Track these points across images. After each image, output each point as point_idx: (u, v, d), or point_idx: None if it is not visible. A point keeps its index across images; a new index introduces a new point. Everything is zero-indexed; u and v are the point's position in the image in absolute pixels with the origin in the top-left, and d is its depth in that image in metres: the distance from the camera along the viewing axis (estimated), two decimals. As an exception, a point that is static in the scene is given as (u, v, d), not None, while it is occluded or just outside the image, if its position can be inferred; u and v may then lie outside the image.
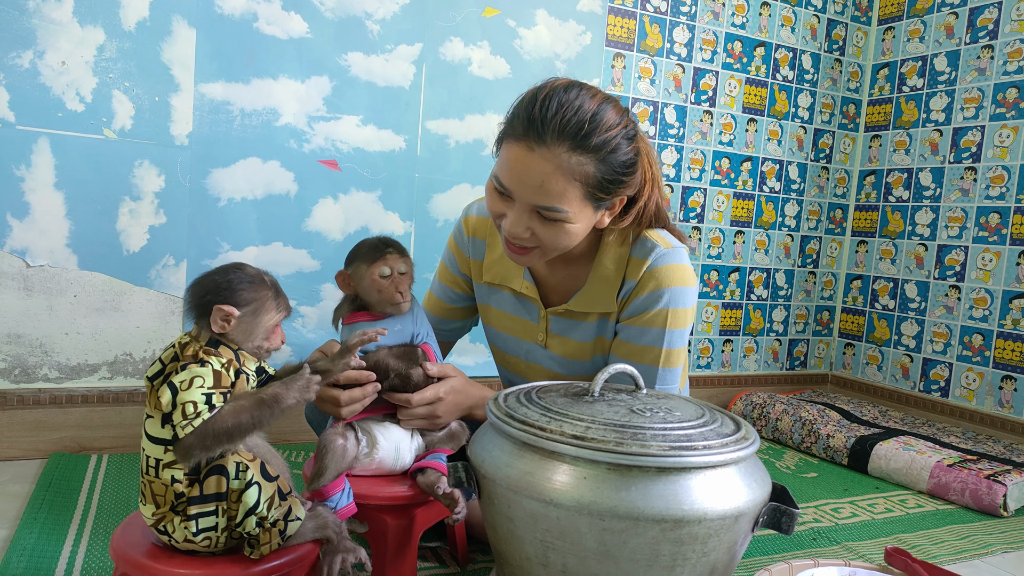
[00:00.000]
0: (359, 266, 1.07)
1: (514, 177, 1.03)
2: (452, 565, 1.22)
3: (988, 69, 2.27)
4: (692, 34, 2.29)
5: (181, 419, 0.80)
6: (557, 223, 1.05)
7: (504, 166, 1.05)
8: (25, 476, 1.50)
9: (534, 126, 1.00)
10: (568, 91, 1.02)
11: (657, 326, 1.16)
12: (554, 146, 0.99)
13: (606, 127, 1.01)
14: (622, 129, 1.04)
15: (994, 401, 2.21)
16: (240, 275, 0.89)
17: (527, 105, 1.02)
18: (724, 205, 2.42)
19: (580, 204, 1.04)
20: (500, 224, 1.10)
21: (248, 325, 0.88)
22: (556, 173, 1.00)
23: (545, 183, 1.01)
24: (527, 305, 1.28)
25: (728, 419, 0.94)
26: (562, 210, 1.03)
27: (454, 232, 1.36)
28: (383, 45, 1.85)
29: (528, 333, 1.29)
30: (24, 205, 1.56)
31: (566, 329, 1.25)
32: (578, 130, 0.99)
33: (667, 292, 1.15)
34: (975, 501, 1.67)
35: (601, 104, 1.03)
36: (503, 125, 1.07)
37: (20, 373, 1.60)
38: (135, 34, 1.62)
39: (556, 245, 1.08)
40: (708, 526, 0.81)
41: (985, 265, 2.26)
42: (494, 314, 1.34)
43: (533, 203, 1.03)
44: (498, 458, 0.88)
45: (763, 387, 2.55)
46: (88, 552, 1.17)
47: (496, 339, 1.37)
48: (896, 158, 2.53)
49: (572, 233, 1.07)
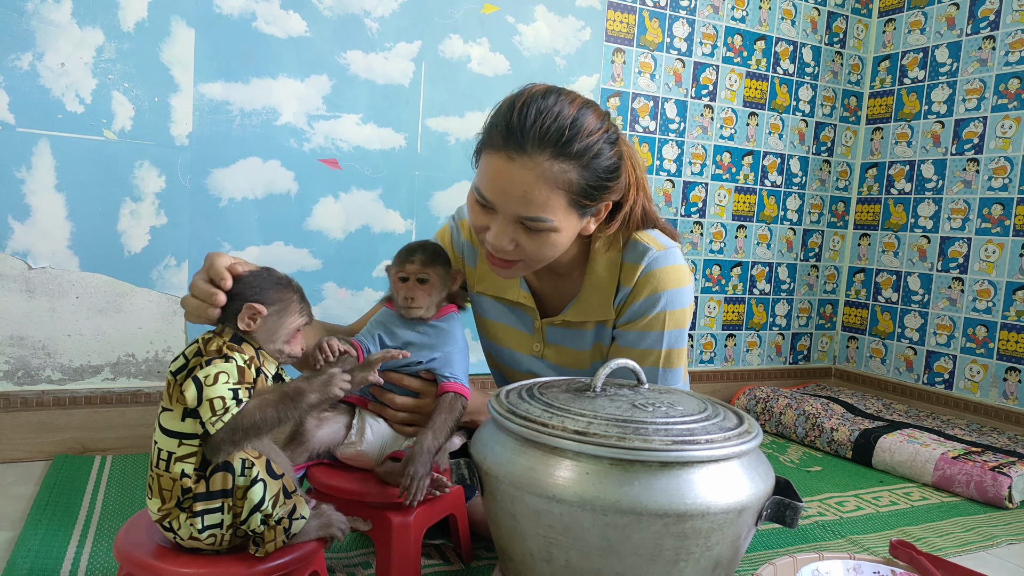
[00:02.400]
0: (392, 265, 1.13)
1: (496, 189, 1.01)
2: (456, 562, 1.22)
3: (990, 60, 2.26)
4: (692, 28, 2.28)
5: (210, 415, 0.80)
6: (542, 233, 1.03)
7: (485, 178, 1.02)
8: (29, 478, 1.50)
9: (513, 135, 0.97)
10: (546, 97, 1.00)
11: (656, 329, 1.15)
12: (535, 155, 0.97)
13: (587, 132, 0.99)
14: (603, 134, 1.02)
15: (998, 393, 2.21)
16: (269, 276, 0.90)
17: (505, 114, 1.00)
18: (726, 200, 2.42)
19: (565, 212, 1.02)
20: (483, 238, 1.08)
21: (273, 325, 0.89)
22: (538, 182, 0.98)
23: (528, 193, 0.98)
24: (522, 316, 1.26)
25: (731, 413, 0.94)
26: (547, 219, 1.01)
27: (451, 232, 1.32)
28: (382, 43, 1.85)
29: (523, 345, 1.28)
30: (25, 207, 1.56)
31: (563, 338, 1.24)
32: (559, 137, 0.97)
33: (664, 295, 1.14)
34: (980, 493, 1.66)
35: (580, 109, 1.00)
36: (481, 135, 1.05)
37: (23, 375, 1.60)
38: (134, 35, 1.62)
39: (541, 256, 1.06)
40: (711, 520, 0.80)
41: (988, 257, 2.25)
42: (488, 324, 1.32)
43: (517, 214, 1.01)
44: (500, 454, 0.88)
45: (766, 381, 2.55)
46: (93, 553, 1.17)
47: (491, 349, 1.35)
48: (898, 150, 2.53)
49: (557, 243, 1.05)
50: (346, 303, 1.88)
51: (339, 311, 1.86)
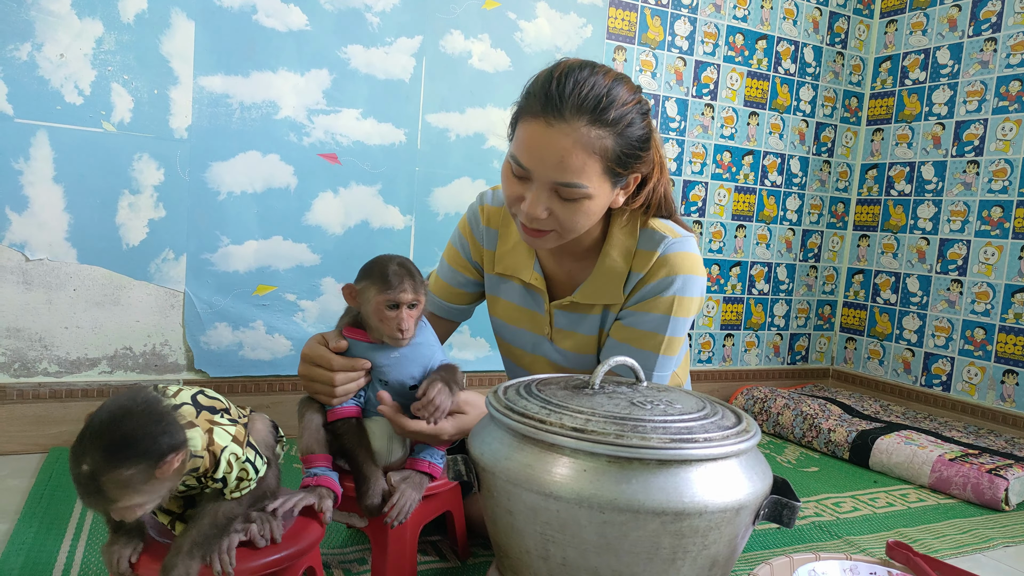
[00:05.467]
0: (368, 287, 1.00)
1: (533, 155, 1.03)
2: (452, 559, 1.22)
3: (991, 62, 2.26)
4: (693, 27, 2.28)
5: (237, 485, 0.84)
6: (576, 202, 1.05)
7: (522, 144, 1.05)
8: (25, 471, 1.49)
9: (552, 102, 1.01)
10: (582, 69, 1.04)
11: (662, 312, 1.16)
12: (573, 120, 1.01)
13: (621, 102, 1.03)
14: (636, 104, 1.06)
15: (996, 395, 2.21)
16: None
17: (543, 83, 1.03)
18: (725, 199, 2.41)
19: (599, 180, 1.05)
20: (516, 210, 1.10)
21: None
22: (576, 147, 1.01)
23: (565, 159, 1.02)
24: (535, 297, 1.28)
25: (729, 412, 0.94)
26: (582, 185, 1.03)
27: (469, 219, 1.35)
28: (383, 38, 1.84)
29: (535, 325, 1.29)
30: (23, 198, 1.56)
31: (572, 323, 1.25)
32: (596, 104, 1.01)
33: (679, 279, 1.15)
34: (977, 495, 1.66)
35: (614, 81, 1.05)
36: (517, 105, 1.08)
37: (20, 367, 1.59)
38: (134, 26, 1.61)
39: (573, 225, 1.08)
40: (709, 519, 0.80)
41: (987, 259, 2.25)
42: (502, 305, 1.34)
43: (553, 179, 1.03)
44: (498, 451, 0.87)
45: (764, 382, 2.55)
46: (88, 547, 1.17)
47: (502, 330, 1.36)
48: (898, 152, 2.52)
49: (590, 212, 1.08)
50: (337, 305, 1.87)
51: (337, 306, 1.85)
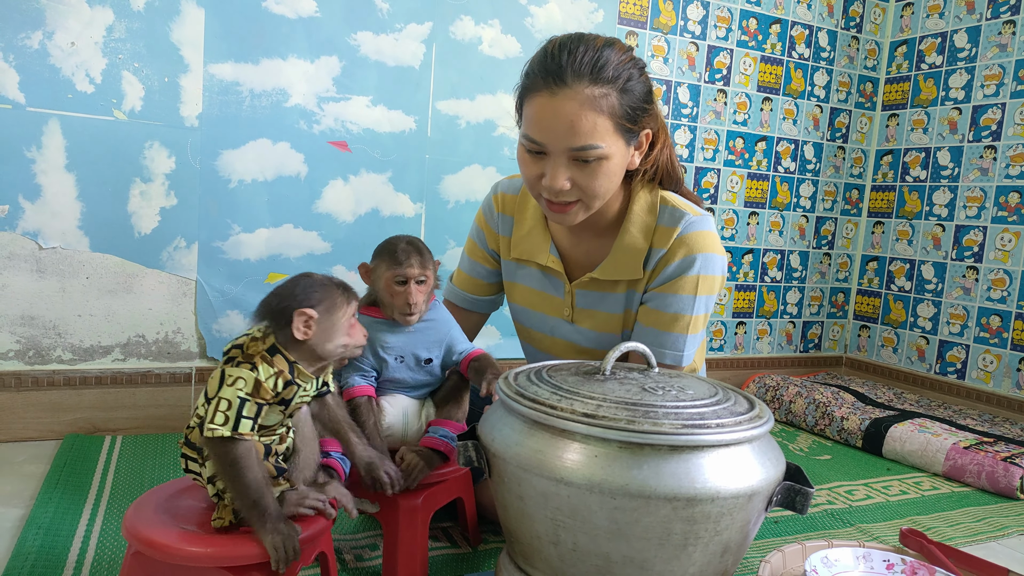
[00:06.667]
0: (379, 264, 1.09)
1: (544, 126, 1.05)
2: (463, 545, 1.22)
3: (1010, 45, 2.22)
4: (706, 11, 2.25)
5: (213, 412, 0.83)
6: (594, 164, 1.07)
7: (531, 121, 1.07)
8: (40, 456, 1.51)
9: (552, 72, 1.04)
10: (572, 40, 1.07)
11: (687, 292, 1.17)
12: (575, 84, 1.03)
13: (616, 60, 1.06)
14: (630, 61, 1.09)
15: (1011, 383, 2.19)
16: (307, 280, 0.94)
17: (539, 60, 1.07)
18: (738, 186, 2.39)
19: (613, 138, 1.07)
20: (539, 189, 1.11)
21: (326, 324, 0.90)
22: (583, 109, 1.03)
23: (575, 122, 1.03)
24: (553, 280, 1.28)
25: (742, 398, 0.93)
26: (597, 145, 1.05)
27: (484, 209, 1.38)
28: (393, 24, 1.83)
29: (554, 308, 1.30)
30: (35, 187, 1.56)
31: (594, 302, 1.25)
32: (593, 65, 1.04)
33: (699, 257, 1.16)
34: (991, 483, 1.65)
35: (604, 45, 1.07)
36: (519, 88, 1.11)
37: (34, 355, 1.61)
38: (144, 14, 1.61)
39: (596, 191, 1.10)
40: (721, 505, 0.80)
41: (1004, 245, 2.22)
42: (520, 290, 1.34)
43: (568, 147, 1.05)
44: (508, 436, 0.87)
45: (777, 370, 2.53)
46: (103, 531, 1.18)
47: (521, 315, 1.37)
48: (914, 137, 2.49)
49: (610, 173, 1.09)
50: (355, 286, 1.87)
51: (348, 294, 1.85)
